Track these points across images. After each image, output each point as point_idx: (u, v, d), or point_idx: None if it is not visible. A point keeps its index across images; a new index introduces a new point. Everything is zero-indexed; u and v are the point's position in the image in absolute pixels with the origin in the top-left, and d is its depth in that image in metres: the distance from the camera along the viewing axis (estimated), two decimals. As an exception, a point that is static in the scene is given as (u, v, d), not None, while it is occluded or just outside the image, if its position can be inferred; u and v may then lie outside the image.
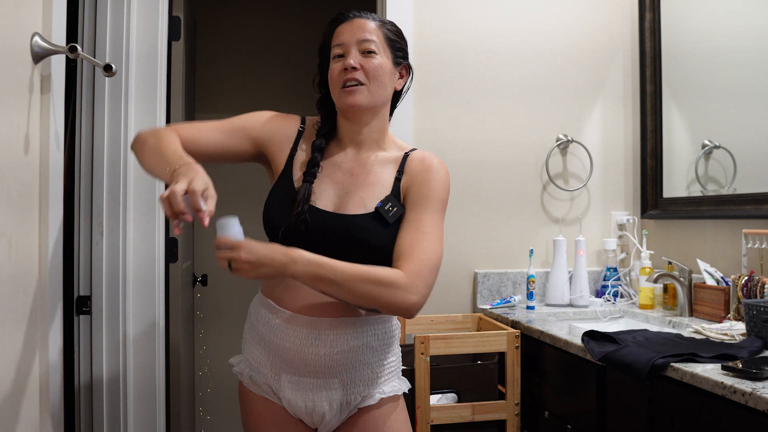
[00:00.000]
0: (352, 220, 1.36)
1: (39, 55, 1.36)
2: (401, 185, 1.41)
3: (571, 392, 1.84)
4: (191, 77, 2.83)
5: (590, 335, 1.74)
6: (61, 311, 1.51)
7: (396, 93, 1.49)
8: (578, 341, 1.77)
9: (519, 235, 2.55)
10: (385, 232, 1.35)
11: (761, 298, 1.81)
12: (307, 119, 1.50)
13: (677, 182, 2.43)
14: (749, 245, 1.93)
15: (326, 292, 1.27)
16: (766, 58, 2.03)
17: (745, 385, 1.25)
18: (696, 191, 2.34)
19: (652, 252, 2.44)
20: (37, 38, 1.35)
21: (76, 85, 1.90)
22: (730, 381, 1.29)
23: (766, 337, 1.60)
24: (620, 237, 2.61)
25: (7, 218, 1.22)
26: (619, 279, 2.48)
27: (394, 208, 1.37)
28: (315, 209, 1.37)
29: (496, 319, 2.29)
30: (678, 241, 2.39)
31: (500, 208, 2.54)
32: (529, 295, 2.41)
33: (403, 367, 1.52)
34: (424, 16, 2.49)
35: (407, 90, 1.52)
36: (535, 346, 2.02)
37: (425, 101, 2.47)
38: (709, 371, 1.37)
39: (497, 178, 2.54)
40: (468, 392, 2.00)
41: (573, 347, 1.79)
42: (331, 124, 1.48)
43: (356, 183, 1.41)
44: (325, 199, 1.39)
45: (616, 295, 2.46)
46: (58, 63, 1.48)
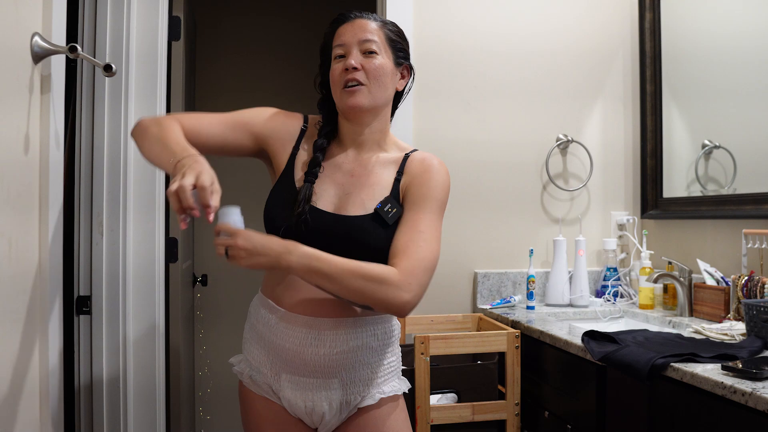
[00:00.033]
0: (351, 221, 1.36)
1: (39, 55, 1.36)
2: (400, 185, 1.41)
3: (571, 392, 1.84)
4: (191, 77, 2.83)
5: (590, 335, 1.74)
6: (61, 311, 1.51)
7: (397, 94, 1.49)
8: (578, 341, 1.77)
9: (519, 235, 2.55)
10: (385, 234, 1.35)
11: (761, 298, 1.81)
12: (309, 118, 1.50)
13: (677, 182, 2.43)
14: (749, 245, 1.93)
15: (320, 286, 1.27)
16: (766, 58, 2.03)
17: (745, 385, 1.25)
18: (696, 191, 2.34)
19: (652, 252, 2.44)
20: (37, 38, 1.35)
21: (76, 85, 1.90)
22: (730, 381, 1.29)
23: (766, 337, 1.60)
24: (620, 237, 2.61)
25: (7, 218, 1.22)
26: (619, 279, 2.48)
27: (393, 209, 1.37)
28: (316, 210, 1.37)
29: (496, 319, 2.29)
30: (678, 241, 2.39)
31: (500, 208, 2.54)
32: (529, 295, 2.41)
33: (403, 367, 1.52)
34: (424, 16, 2.49)
35: (409, 91, 1.52)
36: (535, 346, 2.02)
37: (425, 101, 2.47)
38: (709, 371, 1.37)
39: (497, 178, 2.54)
40: (468, 392, 2.00)
41: (573, 347, 1.79)
42: (333, 125, 1.48)
43: (357, 184, 1.41)
44: (326, 199, 1.39)
45: (616, 295, 2.46)
46: (58, 63, 1.48)
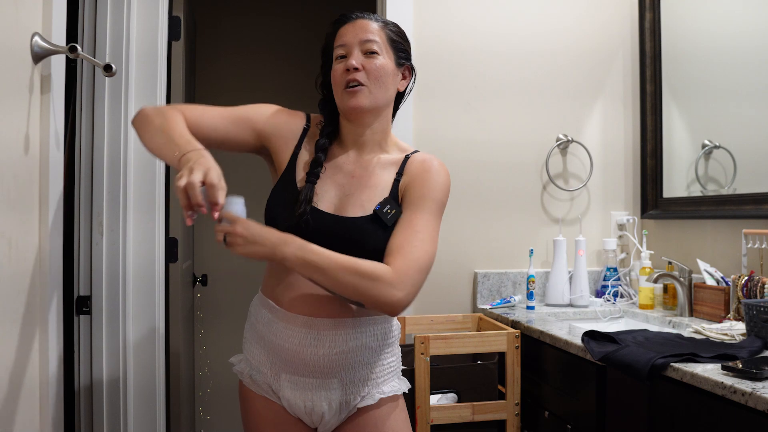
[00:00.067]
0: (351, 223, 1.36)
1: (39, 55, 1.36)
2: (400, 186, 1.41)
3: (571, 392, 1.84)
4: (191, 77, 2.83)
5: (590, 335, 1.74)
6: (61, 311, 1.51)
7: (399, 94, 1.49)
8: (578, 341, 1.77)
9: (519, 235, 2.55)
10: (384, 235, 1.35)
11: (761, 298, 1.81)
12: (311, 117, 1.50)
13: (677, 182, 2.43)
14: (749, 245, 1.93)
15: (314, 280, 1.27)
16: (766, 58, 2.03)
17: (745, 385, 1.25)
18: (696, 191, 2.34)
19: (652, 252, 2.44)
20: (37, 38, 1.35)
21: (76, 85, 1.89)
22: (730, 381, 1.29)
23: (766, 337, 1.60)
24: (620, 237, 2.61)
25: (7, 218, 1.22)
26: (619, 279, 2.48)
27: (393, 211, 1.37)
28: (316, 210, 1.37)
29: (496, 319, 2.29)
30: (678, 241, 2.39)
31: (500, 208, 2.54)
32: (529, 295, 2.41)
33: (403, 367, 1.52)
34: (424, 16, 2.49)
35: (410, 91, 1.52)
36: (535, 346, 2.02)
37: (425, 101, 2.47)
38: (709, 371, 1.37)
39: (497, 178, 2.54)
40: (468, 392, 2.00)
41: (573, 347, 1.79)
42: (334, 125, 1.48)
43: (357, 185, 1.41)
44: (327, 200, 1.39)
45: (616, 295, 2.46)
46: (58, 63, 1.48)
